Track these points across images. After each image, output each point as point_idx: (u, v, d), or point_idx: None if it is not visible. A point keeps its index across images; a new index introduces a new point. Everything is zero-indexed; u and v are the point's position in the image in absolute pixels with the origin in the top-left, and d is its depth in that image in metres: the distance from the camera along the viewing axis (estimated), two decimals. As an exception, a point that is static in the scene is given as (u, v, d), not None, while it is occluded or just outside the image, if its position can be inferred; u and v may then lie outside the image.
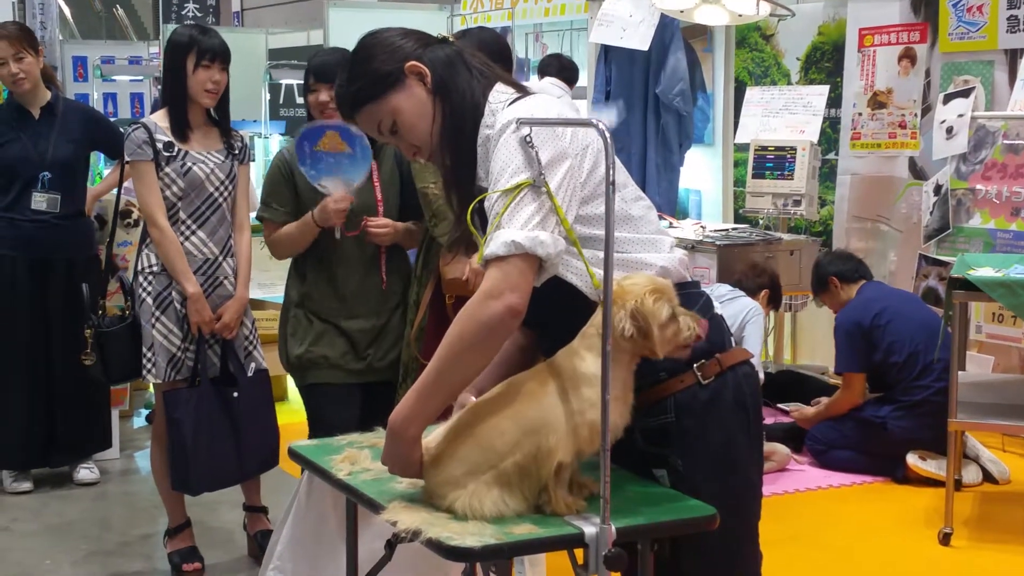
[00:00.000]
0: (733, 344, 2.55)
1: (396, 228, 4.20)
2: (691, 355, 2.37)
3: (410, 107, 2.45)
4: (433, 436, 2.38)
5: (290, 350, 4.27)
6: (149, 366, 4.29)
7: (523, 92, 2.48)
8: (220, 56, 4.25)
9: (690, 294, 2.47)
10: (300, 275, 4.30)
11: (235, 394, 4.31)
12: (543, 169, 2.26)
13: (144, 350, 4.29)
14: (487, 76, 2.49)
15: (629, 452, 2.41)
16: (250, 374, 4.38)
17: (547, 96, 2.45)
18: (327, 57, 4.28)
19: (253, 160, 4.41)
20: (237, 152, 4.36)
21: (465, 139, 2.43)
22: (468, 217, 2.38)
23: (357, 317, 4.24)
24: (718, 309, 2.55)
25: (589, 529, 2.13)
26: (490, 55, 3.64)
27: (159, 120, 4.30)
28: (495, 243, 2.24)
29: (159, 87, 11.96)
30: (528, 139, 2.27)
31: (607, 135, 2.10)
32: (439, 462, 2.32)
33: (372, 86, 2.45)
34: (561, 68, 7.66)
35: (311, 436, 4.25)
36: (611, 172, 2.10)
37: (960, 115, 6.15)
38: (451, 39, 2.55)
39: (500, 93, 2.46)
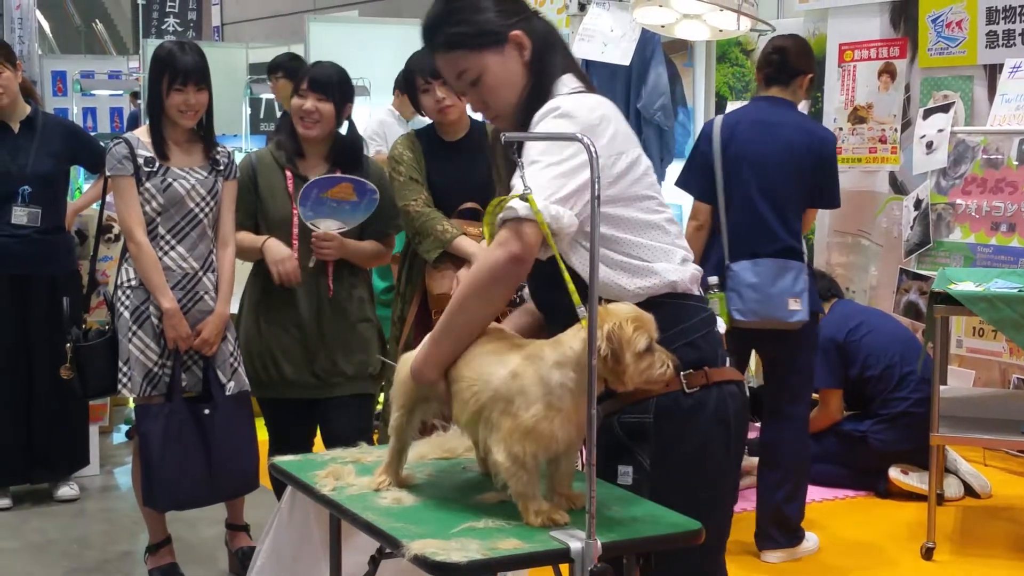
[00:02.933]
0: (727, 363, 2.56)
1: (343, 244, 4.21)
2: (680, 363, 2.36)
3: (500, 72, 2.50)
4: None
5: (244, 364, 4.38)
6: (125, 380, 4.25)
7: (589, 88, 2.54)
8: (194, 77, 4.18)
9: (691, 306, 2.50)
10: (256, 280, 4.37)
11: (206, 411, 4.27)
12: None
13: (120, 364, 4.25)
14: (566, 63, 2.56)
15: (601, 443, 2.41)
16: (229, 392, 4.33)
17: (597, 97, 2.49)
18: (329, 71, 4.28)
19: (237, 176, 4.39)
20: (222, 168, 4.33)
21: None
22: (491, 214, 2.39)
23: (304, 329, 4.26)
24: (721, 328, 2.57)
25: (575, 544, 2.12)
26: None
27: (142, 135, 4.28)
28: (517, 205, 2.29)
29: (138, 102, 11.99)
30: (515, 151, 2.36)
31: (593, 149, 2.09)
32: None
33: (474, 36, 2.50)
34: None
35: (271, 447, 4.28)
36: (595, 187, 2.09)
37: (940, 130, 6.17)
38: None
39: (564, 85, 2.51)
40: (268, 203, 4.28)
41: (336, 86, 4.22)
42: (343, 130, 4.30)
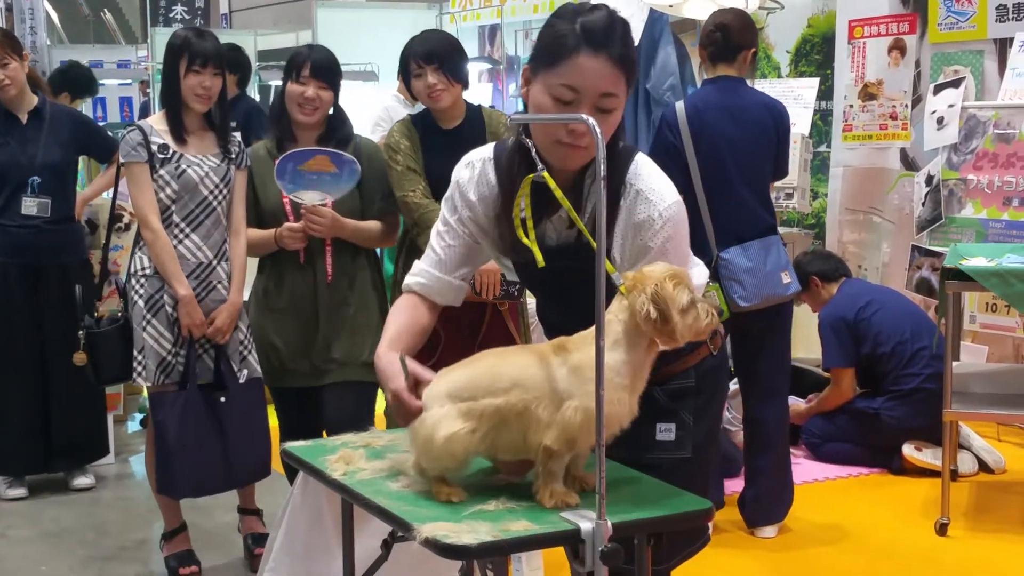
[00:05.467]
0: None
1: (336, 221, 4.18)
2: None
3: (620, 112, 2.49)
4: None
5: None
6: (139, 368, 4.27)
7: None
8: (212, 60, 4.21)
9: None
10: (262, 271, 4.40)
11: (222, 399, 4.28)
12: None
13: (135, 352, 4.27)
14: None
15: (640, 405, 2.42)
16: (242, 380, 4.34)
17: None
18: (329, 56, 4.28)
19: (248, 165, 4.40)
20: (234, 157, 4.33)
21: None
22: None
23: (302, 316, 4.27)
24: None
25: (585, 525, 2.12)
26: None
27: (156, 123, 4.29)
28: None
29: (148, 91, 12.01)
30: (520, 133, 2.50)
31: (598, 131, 2.09)
32: (436, 378, 2.38)
33: (634, 69, 2.53)
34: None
35: (281, 434, 4.31)
36: (601, 167, 2.09)
37: (951, 105, 6.15)
38: None
39: (643, 166, 2.68)
40: (260, 194, 4.30)
41: (336, 73, 4.24)
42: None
